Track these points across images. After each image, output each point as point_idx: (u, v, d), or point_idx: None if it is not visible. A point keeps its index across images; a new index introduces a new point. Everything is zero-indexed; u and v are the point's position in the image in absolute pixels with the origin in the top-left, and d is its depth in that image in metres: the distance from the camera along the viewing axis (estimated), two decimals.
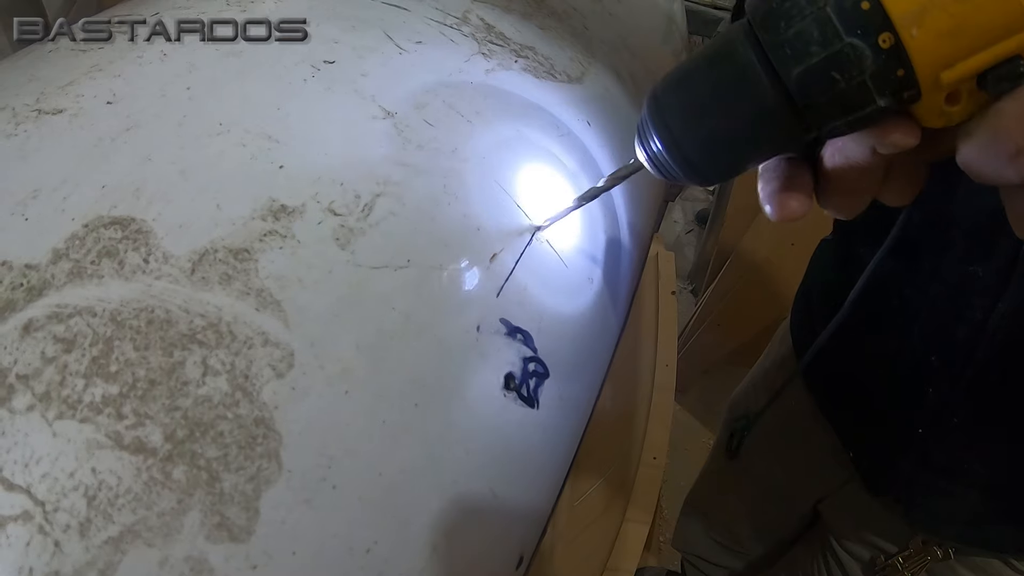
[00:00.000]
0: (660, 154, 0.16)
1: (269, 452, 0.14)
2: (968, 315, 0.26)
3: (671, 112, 0.15)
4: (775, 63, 0.13)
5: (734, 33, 0.14)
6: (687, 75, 0.15)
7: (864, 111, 0.12)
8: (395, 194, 0.19)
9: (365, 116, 0.20)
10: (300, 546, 0.14)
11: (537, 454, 0.20)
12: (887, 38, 0.11)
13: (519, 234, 0.21)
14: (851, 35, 0.12)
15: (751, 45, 0.13)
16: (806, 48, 0.12)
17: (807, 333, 0.37)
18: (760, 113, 0.13)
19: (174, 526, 0.13)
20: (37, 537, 0.12)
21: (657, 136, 0.15)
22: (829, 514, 0.40)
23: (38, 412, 0.13)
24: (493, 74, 0.24)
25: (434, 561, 0.16)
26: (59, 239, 0.16)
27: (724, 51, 0.14)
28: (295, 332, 0.15)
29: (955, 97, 0.12)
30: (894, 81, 0.12)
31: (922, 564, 0.33)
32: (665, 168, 0.16)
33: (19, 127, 0.18)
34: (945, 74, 0.11)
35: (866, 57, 0.12)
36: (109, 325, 0.14)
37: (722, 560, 0.54)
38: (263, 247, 0.16)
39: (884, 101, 0.12)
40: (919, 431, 0.29)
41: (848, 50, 0.12)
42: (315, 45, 0.22)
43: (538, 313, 0.20)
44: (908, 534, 0.34)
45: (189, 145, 0.18)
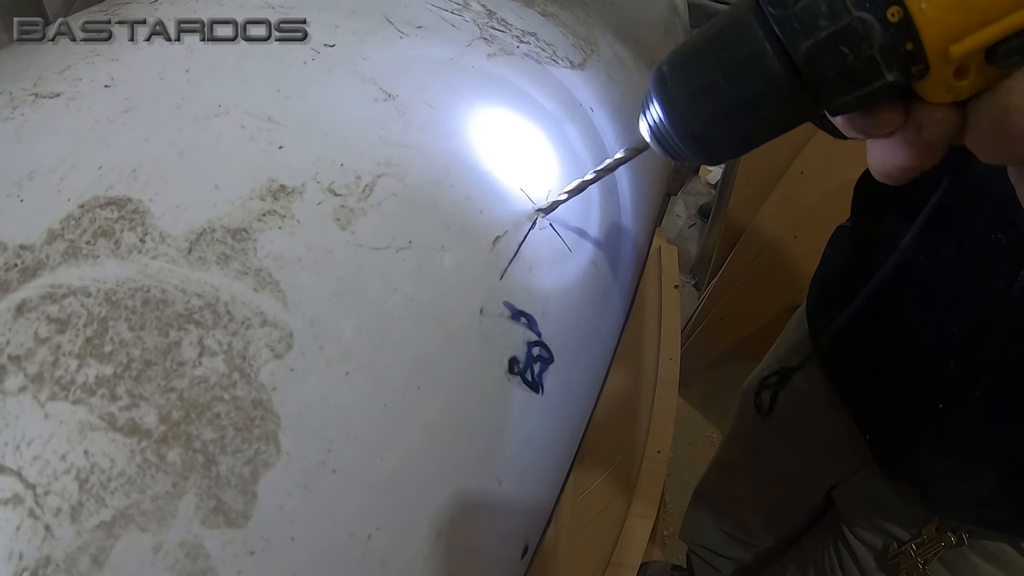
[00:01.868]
0: (666, 131, 0.15)
1: (267, 435, 0.14)
2: (991, 284, 0.26)
3: (678, 88, 0.15)
4: (783, 38, 0.13)
5: (742, 8, 0.13)
6: (694, 51, 0.14)
7: (873, 86, 0.12)
8: (397, 175, 0.18)
9: (366, 98, 0.20)
10: (299, 531, 0.13)
11: (542, 441, 0.20)
12: (896, 11, 0.11)
13: (522, 217, 0.20)
14: (860, 9, 0.12)
15: (759, 19, 0.13)
16: (815, 22, 0.12)
17: (824, 317, 0.37)
18: (768, 88, 0.13)
19: (169, 510, 0.13)
20: (27, 521, 0.12)
21: (664, 112, 0.15)
22: (843, 501, 0.39)
23: (30, 393, 0.13)
24: (495, 59, 0.24)
25: (438, 549, 0.15)
26: (54, 220, 0.15)
27: (732, 26, 0.13)
28: (294, 312, 0.15)
29: (963, 71, 0.12)
30: (903, 55, 0.12)
31: (935, 551, 0.32)
32: (671, 146, 0.16)
33: (16, 111, 0.17)
34: (954, 47, 0.11)
35: (875, 31, 0.12)
36: (104, 305, 0.14)
37: (731, 552, 0.53)
38: (262, 227, 0.16)
39: (893, 76, 0.12)
40: (939, 406, 0.29)
41: (857, 24, 0.12)
42: (316, 29, 0.21)
43: (542, 297, 0.20)
44: (923, 519, 0.33)
45: (187, 127, 0.17)
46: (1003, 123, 0.11)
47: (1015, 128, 0.11)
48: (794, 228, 0.78)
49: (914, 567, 0.33)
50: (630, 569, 0.37)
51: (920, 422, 0.30)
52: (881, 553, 0.36)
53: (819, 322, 0.38)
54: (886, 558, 0.35)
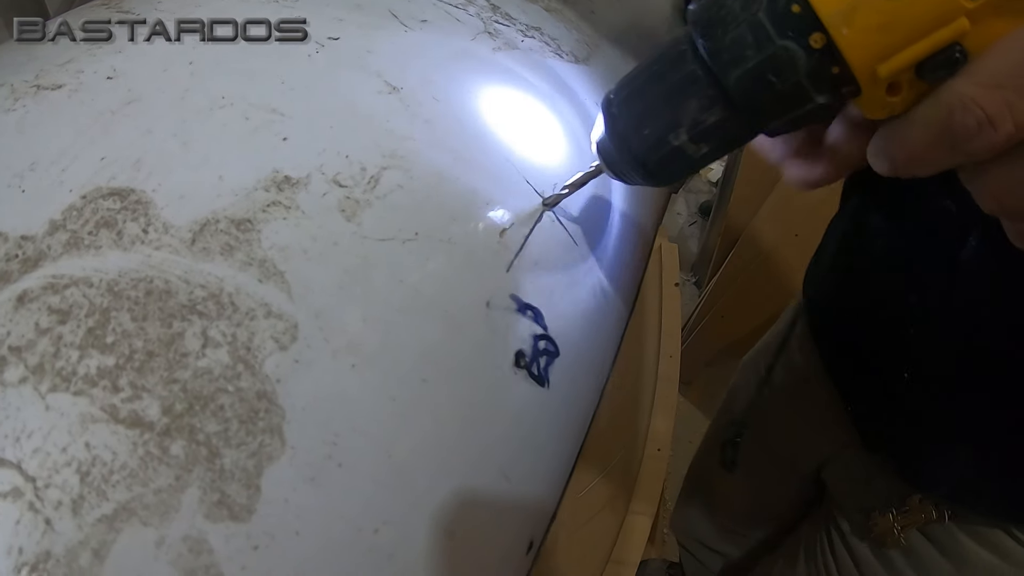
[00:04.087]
0: (613, 155, 0.16)
1: (271, 427, 0.13)
2: (942, 251, 0.26)
3: (622, 115, 0.16)
4: (714, 68, 0.13)
5: (680, 39, 0.14)
6: (637, 81, 0.15)
7: (804, 108, 0.13)
8: (402, 167, 0.18)
9: (371, 90, 0.19)
10: (304, 526, 0.13)
11: (547, 435, 0.19)
12: (818, 38, 0.12)
13: (529, 210, 0.20)
14: (783, 38, 0.12)
15: (693, 51, 0.14)
16: (742, 53, 0.13)
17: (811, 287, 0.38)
18: (705, 115, 0.14)
19: (172, 504, 0.12)
20: (27, 515, 0.12)
21: (610, 137, 0.16)
22: (832, 482, 0.40)
23: (31, 385, 0.13)
24: (500, 52, 0.24)
25: (444, 543, 0.15)
26: (56, 210, 0.15)
27: (670, 56, 0.14)
28: (299, 304, 0.15)
29: (896, 87, 0.12)
30: (830, 78, 0.12)
31: (914, 522, 0.32)
32: (619, 170, 0.17)
33: (17, 102, 0.17)
34: (881, 67, 0.12)
35: (799, 58, 0.12)
36: (106, 296, 0.14)
37: (721, 546, 0.53)
38: (266, 218, 0.16)
39: (823, 98, 0.12)
40: (904, 376, 0.29)
41: (781, 52, 0.12)
42: (320, 23, 0.21)
43: (548, 290, 0.20)
44: (906, 493, 0.33)
45: (191, 118, 0.17)
46: (948, 123, 0.11)
47: (959, 126, 0.11)
48: (795, 227, 0.78)
49: (889, 532, 0.33)
50: (630, 566, 0.37)
51: (891, 394, 0.30)
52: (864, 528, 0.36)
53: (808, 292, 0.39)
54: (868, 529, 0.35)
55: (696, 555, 0.56)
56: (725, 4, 0.13)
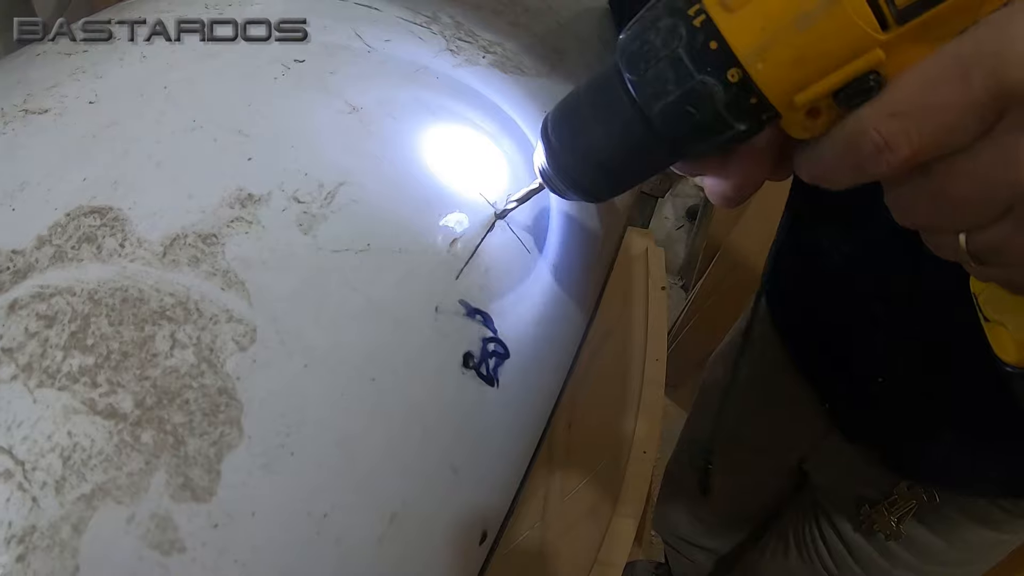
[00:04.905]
0: (550, 174, 0.18)
1: (231, 419, 0.15)
2: (901, 259, 0.26)
3: (557, 137, 0.17)
4: (639, 100, 0.14)
5: (610, 71, 0.15)
6: (571, 107, 0.16)
7: (724, 135, 0.14)
8: (358, 183, 0.20)
9: (331, 111, 0.21)
10: (259, 508, 0.15)
11: (498, 431, 0.21)
12: (735, 73, 0.12)
13: (481, 219, 0.21)
14: (702, 73, 0.13)
15: (620, 83, 0.14)
16: (664, 86, 0.13)
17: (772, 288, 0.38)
18: (630, 143, 0.15)
19: (142, 485, 0.14)
20: (17, 493, 0.13)
21: (546, 157, 0.17)
22: (815, 471, 0.40)
23: (20, 381, 0.15)
24: (460, 69, 0.25)
25: (392, 530, 0.17)
26: (43, 227, 0.17)
27: (601, 87, 0.15)
28: (257, 309, 0.16)
29: (816, 112, 0.13)
30: (748, 108, 0.13)
31: (908, 508, 0.33)
32: (556, 186, 0.18)
33: (7, 126, 0.19)
34: (798, 97, 0.12)
35: (717, 91, 0.13)
36: (87, 303, 0.16)
37: (704, 541, 0.53)
38: (230, 232, 0.17)
39: (743, 125, 0.13)
40: (879, 380, 0.30)
41: (699, 87, 0.13)
42: (287, 45, 0.23)
43: (499, 296, 0.21)
44: (892, 480, 0.33)
45: (165, 140, 0.19)
46: (851, 147, 0.12)
47: (860, 150, 0.12)
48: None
49: (887, 524, 0.33)
50: (616, 568, 0.38)
51: (868, 393, 0.31)
52: (855, 517, 0.36)
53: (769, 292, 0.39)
54: (859, 518, 0.35)
55: (682, 552, 0.56)
56: (648, 39, 0.13)
